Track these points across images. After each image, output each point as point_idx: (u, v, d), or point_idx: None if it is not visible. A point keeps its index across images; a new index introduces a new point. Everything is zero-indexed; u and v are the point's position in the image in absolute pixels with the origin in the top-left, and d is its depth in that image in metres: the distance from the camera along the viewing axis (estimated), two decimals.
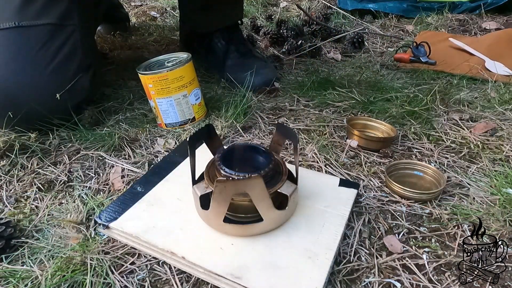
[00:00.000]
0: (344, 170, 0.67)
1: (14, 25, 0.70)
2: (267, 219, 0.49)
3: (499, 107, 0.87)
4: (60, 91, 0.72)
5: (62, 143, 0.75)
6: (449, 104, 0.89)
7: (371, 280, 0.48)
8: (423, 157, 0.71)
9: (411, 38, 1.32)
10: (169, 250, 0.49)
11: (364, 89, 0.95)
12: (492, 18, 1.52)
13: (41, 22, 0.70)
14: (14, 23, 0.70)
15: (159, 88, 0.76)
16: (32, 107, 0.69)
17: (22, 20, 0.71)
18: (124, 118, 0.84)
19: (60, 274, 0.47)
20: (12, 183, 0.65)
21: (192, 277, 0.48)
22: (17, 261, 0.50)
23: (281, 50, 1.23)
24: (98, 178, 0.66)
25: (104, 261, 0.49)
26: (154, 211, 0.55)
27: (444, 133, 0.78)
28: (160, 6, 1.75)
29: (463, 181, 0.65)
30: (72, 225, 0.55)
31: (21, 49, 0.70)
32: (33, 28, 0.71)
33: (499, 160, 0.70)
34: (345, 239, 0.53)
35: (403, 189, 0.60)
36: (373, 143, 0.73)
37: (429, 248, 0.52)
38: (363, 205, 0.59)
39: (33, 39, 0.71)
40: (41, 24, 0.70)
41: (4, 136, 0.71)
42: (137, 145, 0.75)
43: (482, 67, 1.06)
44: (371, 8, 1.55)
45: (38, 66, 0.71)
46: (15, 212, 0.58)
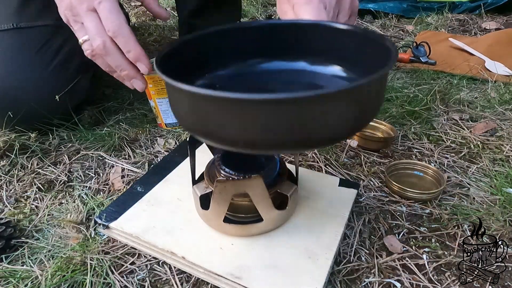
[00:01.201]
0: (344, 170, 0.67)
1: (12, 27, 0.71)
2: (267, 219, 0.49)
3: (499, 107, 0.87)
4: (60, 92, 0.72)
5: (62, 143, 0.75)
6: (449, 104, 0.89)
7: (371, 280, 0.48)
8: (423, 157, 0.71)
9: (411, 38, 1.32)
10: (169, 250, 0.49)
11: None
12: (492, 18, 1.52)
13: (40, 23, 0.70)
14: (13, 25, 0.71)
15: (159, 88, 0.75)
16: (32, 107, 0.69)
17: (21, 22, 0.71)
18: (124, 118, 0.84)
19: (60, 274, 0.47)
20: (12, 183, 0.65)
21: (192, 277, 0.48)
22: (17, 261, 0.50)
23: None
24: (98, 178, 0.66)
25: (104, 261, 0.49)
26: (154, 211, 0.55)
27: (444, 133, 0.78)
28: None
29: (463, 181, 0.65)
30: (72, 225, 0.55)
31: (20, 50, 0.71)
32: (32, 29, 0.71)
33: (499, 160, 0.70)
34: (345, 239, 0.53)
35: (403, 189, 0.60)
36: (373, 143, 0.73)
37: (429, 248, 0.52)
38: (363, 205, 0.59)
39: (32, 40, 0.71)
40: (40, 26, 0.70)
41: (4, 136, 0.71)
42: (137, 145, 0.75)
43: (482, 67, 1.06)
44: (371, 8, 1.55)
45: (37, 67, 0.71)
46: (15, 212, 0.58)
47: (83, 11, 0.54)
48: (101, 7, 0.53)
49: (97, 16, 0.54)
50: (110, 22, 0.53)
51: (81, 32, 0.56)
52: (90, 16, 0.54)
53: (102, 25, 0.54)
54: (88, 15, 0.54)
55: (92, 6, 0.54)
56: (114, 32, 0.54)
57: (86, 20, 0.54)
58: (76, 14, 0.55)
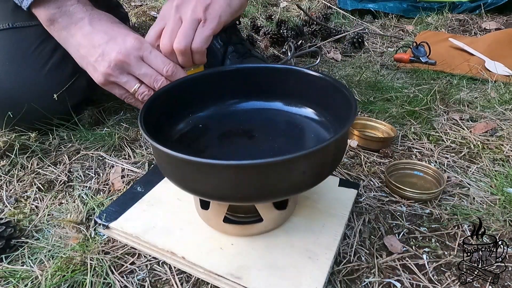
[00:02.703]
0: (344, 170, 0.67)
1: (8, 27, 0.71)
2: (267, 219, 0.49)
3: (499, 107, 0.87)
4: (57, 91, 0.72)
5: (62, 143, 0.75)
6: (449, 104, 0.89)
7: (371, 280, 0.48)
8: (423, 157, 0.71)
9: (411, 38, 1.32)
10: (169, 250, 0.49)
11: (364, 89, 0.95)
12: (492, 18, 1.52)
13: (35, 23, 0.70)
14: (8, 25, 0.71)
15: None
16: (31, 107, 0.69)
17: (16, 22, 0.71)
18: (124, 118, 0.84)
19: (60, 274, 0.47)
20: (12, 183, 0.65)
21: (192, 277, 0.48)
22: (17, 261, 0.50)
23: (281, 50, 1.23)
24: (98, 178, 0.66)
25: (104, 261, 0.49)
26: (154, 211, 0.55)
27: (444, 133, 0.78)
28: (160, 6, 1.75)
29: (463, 181, 0.65)
30: (72, 225, 0.55)
31: (17, 50, 0.71)
32: (27, 28, 0.71)
33: (499, 160, 0.70)
34: (345, 239, 0.53)
35: (403, 189, 0.60)
36: (373, 143, 0.73)
37: (429, 248, 0.52)
38: (363, 205, 0.59)
39: (28, 40, 0.71)
40: (35, 25, 0.70)
41: (4, 136, 0.71)
42: (137, 145, 0.75)
43: (482, 67, 1.06)
44: (371, 8, 1.55)
45: (34, 66, 0.71)
46: (15, 212, 0.58)
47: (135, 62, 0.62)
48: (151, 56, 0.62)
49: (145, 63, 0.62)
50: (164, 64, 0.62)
51: (133, 82, 0.63)
52: (142, 64, 0.62)
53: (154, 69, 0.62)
54: (141, 64, 0.62)
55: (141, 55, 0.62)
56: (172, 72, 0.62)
57: (142, 69, 0.62)
58: (127, 68, 0.62)
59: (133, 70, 0.62)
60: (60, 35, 0.66)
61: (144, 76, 0.62)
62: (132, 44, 0.61)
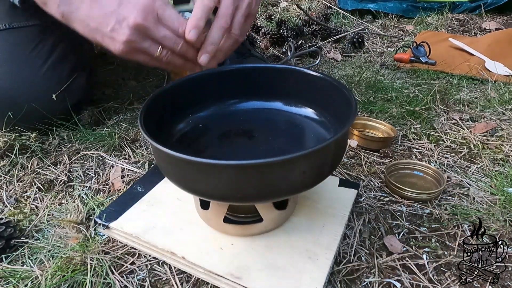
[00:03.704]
0: (344, 170, 0.67)
1: (5, 27, 0.71)
2: (267, 219, 0.49)
3: (499, 107, 0.87)
4: (56, 91, 0.72)
5: (62, 143, 0.75)
6: (449, 104, 0.89)
7: (371, 280, 0.48)
8: (423, 157, 0.71)
9: (411, 38, 1.32)
10: (169, 250, 0.49)
11: (364, 89, 0.95)
12: (492, 18, 1.52)
13: (32, 23, 0.70)
14: (5, 25, 0.71)
15: None
16: (31, 107, 0.69)
17: (13, 22, 0.71)
18: (124, 118, 0.84)
19: (60, 274, 0.47)
20: (12, 183, 0.65)
21: (192, 277, 0.48)
22: (17, 261, 0.50)
23: (281, 50, 1.23)
24: (98, 178, 0.66)
25: (104, 261, 0.49)
26: (154, 211, 0.55)
27: (444, 133, 0.78)
28: None
29: (463, 181, 0.65)
30: (72, 225, 0.55)
31: (15, 50, 0.71)
32: (24, 29, 0.71)
33: (499, 160, 0.70)
34: (345, 239, 0.53)
35: (403, 189, 0.60)
36: (373, 143, 0.73)
37: (429, 248, 0.52)
38: (363, 205, 0.59)
39: (25, 40, 0.71)
40: (32, 25, 0.70)
41: (4, 136, 0.71)
42: (137, 145, 0.75)
43: (482, 67, 1.06)
44: (371, 8, 1.55)
45: (32, 66, 0.71)
46: (15, 212, 0.58)
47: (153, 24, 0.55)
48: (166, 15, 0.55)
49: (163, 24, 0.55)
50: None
51: (155, 46, 0.56)
52: (160, 26, 0.55)
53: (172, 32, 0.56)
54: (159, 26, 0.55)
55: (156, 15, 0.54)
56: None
57: (161, 32, 0.55)
58: (146, 32, 0.55)
59: (153, 34, 0.55)
60: (60, 12, 0.58)
61: (163, 39, 0.55)
62: (146, 3, 0.54)
